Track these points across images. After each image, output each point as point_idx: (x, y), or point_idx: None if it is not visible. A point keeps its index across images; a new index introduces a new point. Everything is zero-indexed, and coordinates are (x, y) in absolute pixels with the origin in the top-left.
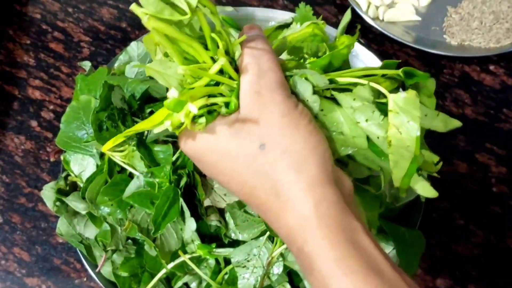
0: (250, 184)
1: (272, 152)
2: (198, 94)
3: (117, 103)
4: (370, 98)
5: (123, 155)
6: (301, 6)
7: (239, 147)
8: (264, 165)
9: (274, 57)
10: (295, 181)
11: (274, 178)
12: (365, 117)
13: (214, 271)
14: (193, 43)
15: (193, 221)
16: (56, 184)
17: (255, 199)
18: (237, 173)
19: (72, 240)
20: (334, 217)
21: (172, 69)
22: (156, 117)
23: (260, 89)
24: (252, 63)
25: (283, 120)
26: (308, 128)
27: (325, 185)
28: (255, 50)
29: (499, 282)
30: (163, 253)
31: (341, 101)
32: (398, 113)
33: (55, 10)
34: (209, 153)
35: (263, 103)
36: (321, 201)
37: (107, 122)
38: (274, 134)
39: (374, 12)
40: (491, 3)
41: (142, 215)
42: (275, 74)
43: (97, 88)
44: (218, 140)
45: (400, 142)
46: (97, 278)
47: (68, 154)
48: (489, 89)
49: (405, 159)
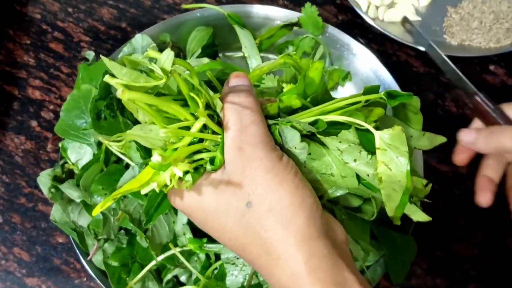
0: (241, 240)
1: (258, 209)
2: (182, 155)
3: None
4: (355, 141)
5: (120, 145)
6: (306, 6)
7: (227, 204)
8: (252, 221)
9: (257, 110)
10: (284, 238)
11: (263, 236)
12: (352, 157)
13: (204, 266)
14: (171, 104)
15: None
16: (52, 171)
17: (248, 254)
18: (228, 229)
19: (65, 228)
20: (326, 271)
21: (153, 131)
22: (142, 177)
23: (242, 145)
24: (233, 118)
25: (267, 176)
26: (294, 182)
27: (315, 239)
28: (236, 104)
29: (499, 282)
30: (154, 244)
31: (327, 144)
32: (385, 150)
33: (55, 10)
34: (197, 210)
35: (246, 159)
36: (311, 256)
37: (106, 111)
38: (258, 191)
39: (374, 12)
40: (491, 3)
41: (135, 206)
42: (257, 127)
43: (98, 78)
44: (205, 198)
45: (390, 178)
46: (88, 267)
47: (67, 142)
48: (489, 89)
49: (397, 192)
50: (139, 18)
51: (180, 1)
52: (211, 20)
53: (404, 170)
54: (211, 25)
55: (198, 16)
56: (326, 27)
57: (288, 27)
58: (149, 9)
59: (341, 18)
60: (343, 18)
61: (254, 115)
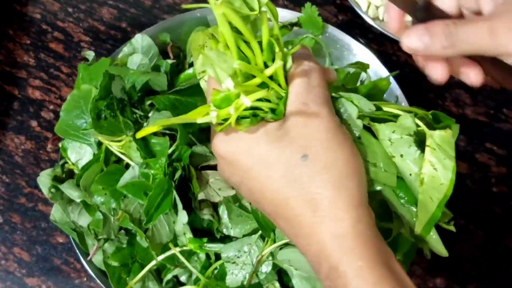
0: (284, 194)
1: (314, 164)
2: (251, 89)
3: (117, 93)
4: (413, 127)
5: (120, 145)
6: (307, 6)
7: (280, 154)
8: (303, 176)
9: (323, 76)
10: (334, 198)
11: (312, 191)
12: (400, 151)
13: (204, 265)
14: (252, 41)
15: (185, 214)
16: (52, 171)
17: (288, 210)
18: (272, 181)
19: (65, 228)
20: (371, 239)
21: (227, 63)
22: (202, 109)
23: (307, 101)
24: (302, 76)
25: (327, 135)
26: (351, 149)
27: (363, 206)
28: (306, 66)
29: (499, 282)
30: (154, 244)
31: (379, 132)
32: (435, 150)
33: (55, 10)
34: (245, 156)
35: (309, 115)
36: (359, 221)
37: (106, 111)
38: (317, 147)
39: (374, 12)
40: None
41: (135, 206)
42: (323, 90)
43: (98, 78)
44: (258, 143)
45: (432, 181)
46: (88, 267)
47: (67, 142)
48: (489, 89)
49: (433, 201)
50: (139, 18)
51: (180, 1)
52: (211, 20)
53: (450, 172)
54: (211, 25)
55: (198, 16)
56: (326, 27)
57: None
58: (149, 9)
59: (341, 18)
60: (343, 18)
61: (321, 79)
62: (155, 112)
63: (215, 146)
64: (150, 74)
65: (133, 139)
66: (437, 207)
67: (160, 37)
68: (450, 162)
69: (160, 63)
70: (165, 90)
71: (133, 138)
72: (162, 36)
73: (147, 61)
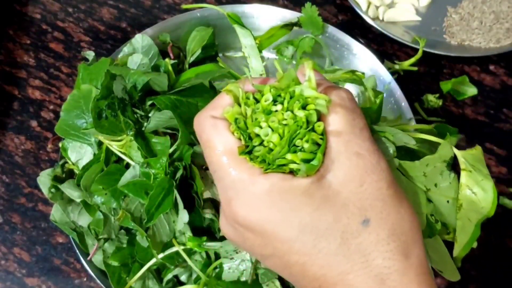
0: (341, 268)
1: (377, 230)
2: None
3: (118, 93)
4: (450, 153)
5: (120, 144)
6: (307, 6)
7: (334, 220)
8: (368, 244)
9: (363, 115)
10: (405, 270)
11: (378, 264)
12: (434, 181)
13: (204, 264)
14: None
15: (186, 213)
16: (52, 171)
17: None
18: (323, 254)
19: (65, 228)
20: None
21: None
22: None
23: (361, 150)
24: (345, 119)
25: (388, 192)
26: (410, 205)
27: (429, 271)
28: (345, 107)
29: (499, 282)
30: (154, 243)
31: (410, 169)
32: (471, 172)
33: (55, 10)
34: (285, 226)
35: (367, 168)
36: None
37: (107, 111)
38: (378, 208)
39: (374, 12)
40: (491, 3)
41: (136, 205)
42: (370, 134)
43: (98, 77)
44: (299, 208)
45: (471, 205)
46: (88, 267)
47: (67, 142)
48: (489, 89)
49: (472, 222)
50: (139, 18)
51: (180, 1)
52: (211, 20)
53: (490, 193)
54: (211, 25)
55: (198, 16)
56: (326, 27)
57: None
58: (149, 9)
59: (341, 18)
60: (343, 18)
61: (364, 120)
62: (156, 112)
63: (236, 215)
64: (151, 74)
65: (134, 139)
66: (475, 226)
67: (160, 37)
68: (489, 182)
69: (160, 63)
70: (165, 90)
71: (134, 137)
72: (162, 36)
73: (147, 61)
